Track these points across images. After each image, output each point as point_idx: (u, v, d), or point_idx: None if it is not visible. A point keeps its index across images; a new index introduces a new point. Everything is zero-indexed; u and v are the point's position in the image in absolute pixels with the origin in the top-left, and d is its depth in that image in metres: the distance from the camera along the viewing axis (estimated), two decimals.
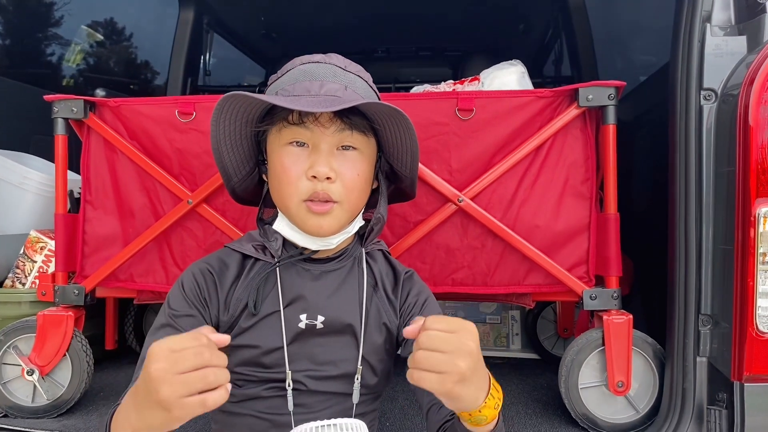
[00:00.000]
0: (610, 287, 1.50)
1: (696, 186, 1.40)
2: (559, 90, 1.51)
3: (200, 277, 1.08)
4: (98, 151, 1.64)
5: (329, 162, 1.00)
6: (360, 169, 1.04)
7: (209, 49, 3.26)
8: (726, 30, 1.41)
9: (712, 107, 1.38)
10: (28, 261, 1.87)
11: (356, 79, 1.07)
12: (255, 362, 1.07)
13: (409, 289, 1.16)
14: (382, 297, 1.14)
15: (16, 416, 1.60)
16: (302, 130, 1.01)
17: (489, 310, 2.28)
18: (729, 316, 1.31)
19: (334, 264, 1.12)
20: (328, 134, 1.01)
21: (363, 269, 1.14)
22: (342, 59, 1.08)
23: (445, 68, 3.69)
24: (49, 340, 1.59)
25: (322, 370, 1.08)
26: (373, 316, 1.12)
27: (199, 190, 1.56)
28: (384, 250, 1.22)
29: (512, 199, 1.52)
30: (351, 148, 1.03)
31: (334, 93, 1.01)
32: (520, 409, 1.66)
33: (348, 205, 1.04)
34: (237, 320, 1.08)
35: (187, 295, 1.06)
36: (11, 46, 3.49)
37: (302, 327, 1.07)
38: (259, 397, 1.08)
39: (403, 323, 1.13)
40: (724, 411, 1.34)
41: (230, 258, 1.12)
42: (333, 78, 1.04)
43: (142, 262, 1.63)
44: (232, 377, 1.04)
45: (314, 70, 1.04)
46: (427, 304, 1.15)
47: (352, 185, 1.03)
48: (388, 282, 1.16)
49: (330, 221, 1.03)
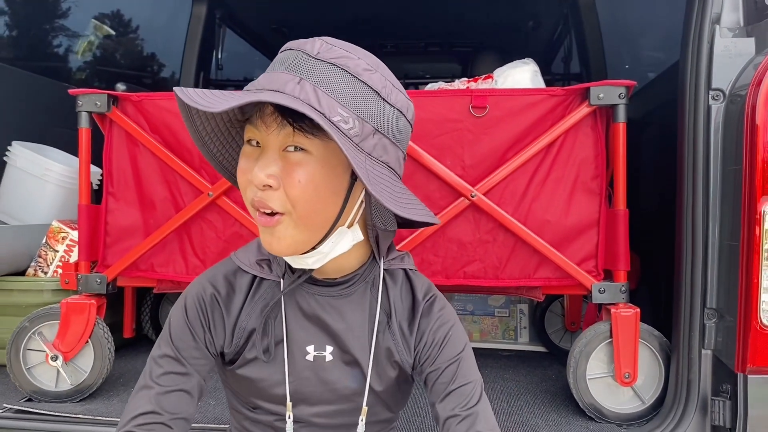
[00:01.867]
0: (618, 281, 1.54)
1: (703, 184, 1.43)
2: (571, 88, 1.54)
3: (205, 306, 0.98)
4: (120, 144, 1.69)
5: (268, 166, 0.84)
6: (306, 172, 0.85)
7: (221, 44, 3.30)
8: (735, 32, 1.44)
9: (720, 107, 1.42)
10: (50, 250, 1.92)
11: (326, 68, 0.85)
12: (260, 395, 1.01)
13: (426, 327, 1.00)
14: (395, 332, 1.01)
15: (40, 400, 1.65)
16: (254, 129, 0.87)
17: (497, 304, 2.33)
18: (734, 310, 1.35)
19: (342, 290, 0.99)
20: (272, 134, 0.85)
21: (377, 296, 1.01)
22: (323, 44, 0.87)
23: (454, 64, 3.72)
24: (72, 327, 1.64)
25: (329, 406, 1.01)
26: (384, 353, 1.00)
27: (219, 182, 1.61)
28: (407, 269, 1.05)
29: (524, 195, 1.56)
30: (299, 149, 0.85)
31: (280, 88, 0.83)
32: (528, 399, 1.70)
33: (296, 215, 0.86)
34: (242, 351, 0.99)
35: (193, 328, 0.97)
36: (29, 39, 3.53)
37: (310, 360, 0.98)
38: (273, 427, 1.03)
39: (418, 363, 1.01)
40: (728, 402, 1.38)
41: (238, 281, 1.00)
42: (292, 68, 0.85)
43: (163, 253, 1.68)
44: (243, 402, 1.02)
45: (280, 59, 0.89)
46: (445, 343, 0.99)
47: (295, 192, 0.84)
48: (404, 314, 1.02)
49: (279, 236, 0.87)
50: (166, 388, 0.93)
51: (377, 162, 0.88)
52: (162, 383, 0.93)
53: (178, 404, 0.93)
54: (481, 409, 0.94)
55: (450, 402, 0.94)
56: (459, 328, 1.02)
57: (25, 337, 1.66)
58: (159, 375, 0.94)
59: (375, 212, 0.93)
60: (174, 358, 0.95)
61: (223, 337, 0.98)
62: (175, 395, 0.93)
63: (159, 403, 0.92)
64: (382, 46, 3.62)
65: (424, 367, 0.99)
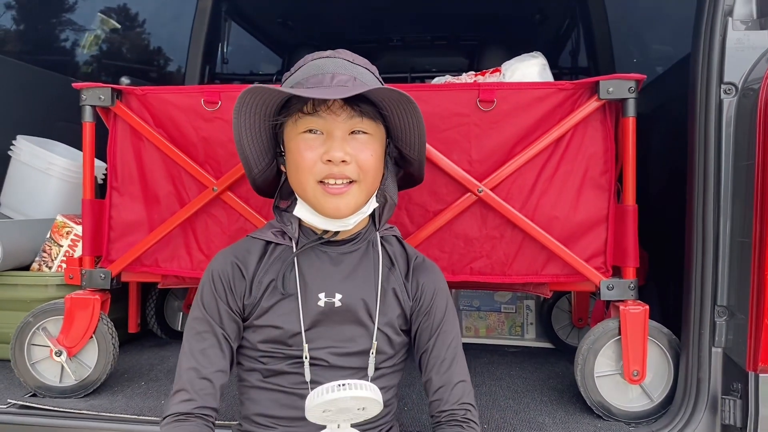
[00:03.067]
0: (627, 278, 1.52)
1: (714, 179, 1.41)
2: (580, 82, 1.52)
3: (228, 269, 1.17)
4: (124, 139, 1.67)
5: (343, 147, 1.09)
6: (372, 150, 1.12)
7: (227, 38, 3.29)
8: (747, 24, 1.41)
9: (732, 101, 1.40)
10: (55, 245, 1.92)
11: (363, 70, 1.15)
12: (278, 341, 1.15)
13: (419, 277, 1.23)
14: (398, 276, 1.22)
15: (44, 395, 1.64)
16: (316, 119, 1.10)
17: (504, 300, 2.31)
18: (745, 307, 1.33)
19: (349, 246, 1.19)
20: (340, 121, 1.09)
21: (378, 251, 1.22)
22: (350, 53, 1.17)
23: (460, 58, 3.70)
24: (76, 323, 1.63)
25: (342, 347, 1.16)
26: (390, 293, 1.20)
27: (223, 177, 1.59)
28: (397, 236, 1.28)
29: (531, 190, 1.54)
30: (362, 133, 1.11)
31: (344, 83, 1.09)
32: (535, 396, 1.69)
33: (365, 184, 1.12)
34: (259, 301, 1.16)
35: (218, 293, 1.16)
36: (33, 33, 3.53)
37: (321, 306, 1.15)
38: (284, 372, 1.15)
39: (415, 308, 1.22)
40: (739, 401, 1.36)
41: (252, 245, 1.20)
42: (343, 70, 1.12)
43: (167, 248, 1.66)
44: (256, 354, 1.15)
45: (324, 64, 1.13)
46: (435, 295, 1.23)
47: (366, 165, 1.11)
48: (401, 264, 1.24)
49: (348, 201, 1.11)
50: (201, 346, 1.14)
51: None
52: (198, 344, 1.14)
53: (214, 360, 1.14)
54: (458, 354, 1.21)
55: (437, 346, 1.20)
56: (444, 291, 1.25)
57: (30, 332, 1.66)
58: (195, 334, 1.15)
59: (390, 183, 1.21)
60: (213, 334, 1.15)
61: (242, 294, 1.16)
62: (211, 351, 1.14)
63: (198, 361, 1.13)
64: (388, 39, 3.60)
65: (420, 310, 1.21)
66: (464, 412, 1.17)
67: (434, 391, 1.19)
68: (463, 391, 1.19)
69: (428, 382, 1.20)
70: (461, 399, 1.18)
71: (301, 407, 1.10)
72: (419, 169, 1.27)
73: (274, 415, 1.16)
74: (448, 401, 1.17)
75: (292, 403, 1.14)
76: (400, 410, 1.57)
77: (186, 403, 1.10)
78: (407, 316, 1.22)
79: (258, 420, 1.17)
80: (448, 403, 1.17)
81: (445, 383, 1.18)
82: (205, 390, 1.12)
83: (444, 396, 1.18)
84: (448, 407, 1.17)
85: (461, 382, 1.19)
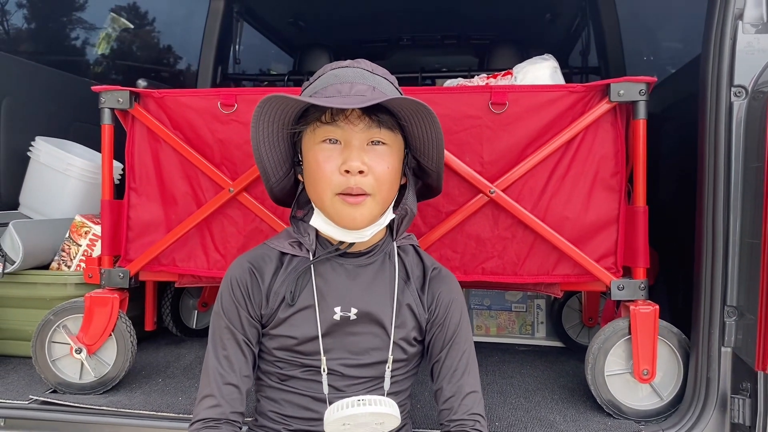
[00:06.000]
0: (637, 278, 1.54)
1: (724, 180, 1.43)
2: (591, 85, 1.54)
3: (246, 277, 1.19)
4: (142, 141, 1.70)
5: (361, 156, 1.08)
6: (389, 163, 1.12)
7: (239, 38, 3.31)
8: (758, 27, 1.43)
9: (743, 104, 1.41)
10: (73, 244, 1.95)
11: (382, 80, 1.15)
12: (293, 350, 1.18)
13: (435, 288, 1.24)
14: (414, 290, 1.23)
15: (64, 392, 1.68)
16: (334, 129, 1.10)
17: (515, 299, 2.33)
18: (754, 308, 1.34)
19: (366, 259, 1.20)
20: (358, 131, 1.09)
21: (395, 263, 1.23)
22: (369, 63, 1.17)
23: (470, 57, 3.71)
24: (96, 321, 1.66)
25: (356, 359, 1.18)
26: (405, 308, 1.21)
27: (240, 179, 1.62)
28: (414, 245, 1.29)
29: (543, 191, 1.56)
30: (380, 143, 1.11)
31: (362, 93, 1.09)
32: (546, 394, 1.71)
33: (380, 197, 1.11)
34: (276, 312, 1.18)
35: (237, 300, 1.18)
36: (50, 35, 3.57)
37: (337, 319, 1.17)
38: (298, 378, 1.18)
39: (431, 318, 1.23)
40: (748, 400, 1.38)
41: (269, 254, 1.22)
42: (362, 80, 1.12)
43: (185, 248, 1.70)
44: (272, 359, 1.18)
45: (344, 74, 1.13)
46: (450, 306, 1.24)
47: (383, 178, 1.11)
48: (417, 276, 1.25)
49: (363, 212, 1.10)
50: (225, 353, 1.17)
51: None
52: (222, 350, 1.17)
53: (238, 366, 1.17)
54: (470, 365, 1.23)
55: (449, 357, 1.21)
56: (460, 302, 1.26)
57: (50, 329, 1.69)
58: (219, 341, 1.18)
59: (410, 195, 1.20)
60: (235, 340, 1.17)
61: (260, 302, 1.18)
62: (235, 358, 1.16)
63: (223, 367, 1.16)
64: (398, 39, 3.61)
65: (434, 321, 1.23)
66: (473, 422, 1.18)
67: (444, 400, 1.20)
68: (473, 401, 1.20)
69: (439, 391, 1.22)
70: (471, 409, 1.19)
71: (315, 409, 1.16)
72: (437, 180, 1.27)
73: (290, 415, 1.19)
74: (458, 411, 1.18)
75: (306, 405, 1.18)
76: (413, 407, 1.59)
77: (215, 408, 1.14)
78: (422, 327, 1.23)
79: (273, 417, 1.21)
80: (458, 413, 1.18)
81: (455, 393, 1.19)
82: (232, 395, 1.15)
83: (454, 405, 1.19)
84: (457, 417, 1.18)
85: (472, 392, 1.20)
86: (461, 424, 1.17)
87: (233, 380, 1.15)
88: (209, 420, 1.13)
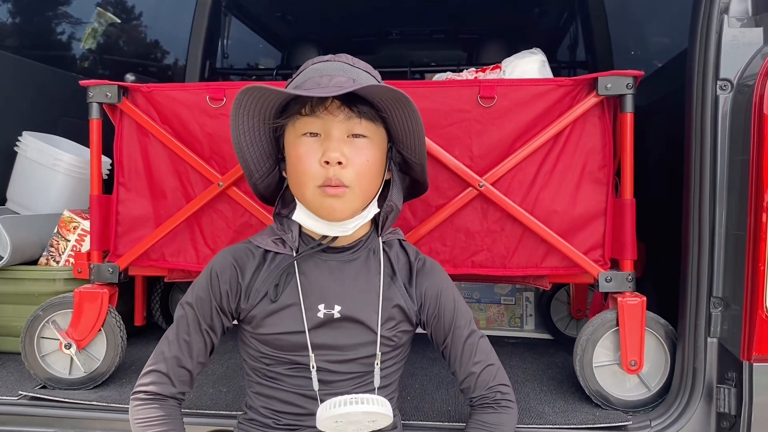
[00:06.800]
0: (624, 270, 1.55)
1: (710, 173, 1.44)
2: (579, 79, 1.55)
3: (227, 270, 1.19)
4: (131, 135, 1.70)
5: (340, 147, 1.09)
6: (369, 155, 1.12)
7: (227, 32, 3.30)
8: (743, 21, 1.44)
9: (728, 97, 1.42)
10: (62, 240, 1.95)
11: (363, 73, 1.16)
12: (278, 347, 1.18)
13: (422, 282, 1.25)
14: (400, 286, 1.23)
15: (54, 387, 1.68)
16: (314, 120, 1.10)
17: (504, 291, 2.35)
18: (740, 299, 1.36)
19: (350, 254, 1.21)
20: (338, 122, 1.09)
21: (380, 259, 1.23)
22: (350, 57, 1.19)
23: (459, 51, 3.71)
24: (85, 316, 1.66)
25: (342, 355, 1.18)
26: (391, 303, 1.21)
27: (229, 173, 1.62)
28: (400, 239, 1.29)
29: (531, 185, 1.57)
30: (361, 136, 1.11)
31: (341, 84, 1.09)
32: (535, 386, 1.72)
33: (359, 189, 1.11)
34: (256, 308, 1.18)
35: (213, 291, 1.19)
36: (36, 29, 3.53)
37: (321, 317, 1.17)
38: (285, 374, 1.18)
39: (424, 313, 1.25)
40: (733, 389, 1.40)
41: (253, 251, 1.22)
42: (342, 72, 1.13)
43: (174, 242, 1.69)
44: (258, 355, 1.18)
45: (324, 68, 1.14)
46: (440, 296, 1.25)
47: (362, 171, 1.11)
48: (403, 271, 1.25)
49: (344, 204, 1.11)
50: (187, 337, 1.18)
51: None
52: (184, 334, 1.19)
53: (196, 353, 1.19)
54: (478, 343, 1.25)
55: (454, 343, 1.24)
56: (449, 289, 1.27)
57: (39, 325, 1.68)
58: (183, 324, 1.19)
59: (395, 190, 1.20)
60: (195, 314, 1.19)
61: (237, 296, 1.19)
62: (195, 344, 1.19)
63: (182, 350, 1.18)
64: (387, 33, 3.61)
65: (429, 314, 1.24)
66: (495, 394, 1.23)
67: (461, 380, 1.25)
68: (490, 375, 1.24)
69: (455, 374, 1.26)
70: (489, 383, 1.23)
71: (304, 405, 1.17)
72: (422, 174, 1.28)
73: (279, 410, 1.20)
74: (477, 388, 1.23)
75: (295, 402, 1.18)
76: (403, 399, 1.60)
77: (163, 386, 1.18)
78: (411, 320, 1.24)
79: (263, 411, 1.21)
80: (477, 390, 1.23)
81: (469, 374, 1.23)
82: (183, 378, 1.19)
83: (471, 384, 1.23)
84: (477, 393, 1.23)
85: (488, 366, 1.24)
86: (482, 398, 1.23)
87: (188, 365, 1.18)
88: (158, 395, 1.17)
